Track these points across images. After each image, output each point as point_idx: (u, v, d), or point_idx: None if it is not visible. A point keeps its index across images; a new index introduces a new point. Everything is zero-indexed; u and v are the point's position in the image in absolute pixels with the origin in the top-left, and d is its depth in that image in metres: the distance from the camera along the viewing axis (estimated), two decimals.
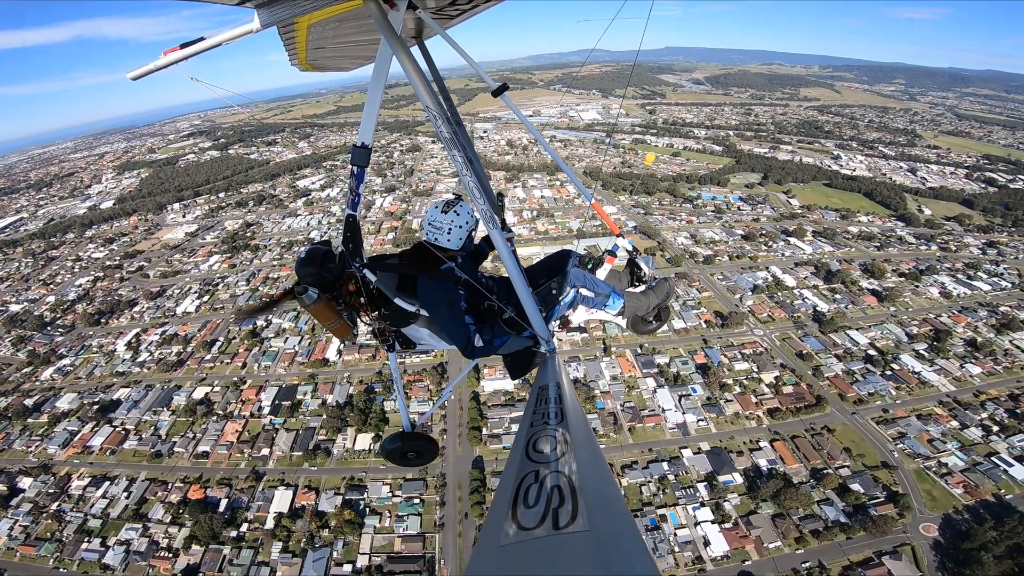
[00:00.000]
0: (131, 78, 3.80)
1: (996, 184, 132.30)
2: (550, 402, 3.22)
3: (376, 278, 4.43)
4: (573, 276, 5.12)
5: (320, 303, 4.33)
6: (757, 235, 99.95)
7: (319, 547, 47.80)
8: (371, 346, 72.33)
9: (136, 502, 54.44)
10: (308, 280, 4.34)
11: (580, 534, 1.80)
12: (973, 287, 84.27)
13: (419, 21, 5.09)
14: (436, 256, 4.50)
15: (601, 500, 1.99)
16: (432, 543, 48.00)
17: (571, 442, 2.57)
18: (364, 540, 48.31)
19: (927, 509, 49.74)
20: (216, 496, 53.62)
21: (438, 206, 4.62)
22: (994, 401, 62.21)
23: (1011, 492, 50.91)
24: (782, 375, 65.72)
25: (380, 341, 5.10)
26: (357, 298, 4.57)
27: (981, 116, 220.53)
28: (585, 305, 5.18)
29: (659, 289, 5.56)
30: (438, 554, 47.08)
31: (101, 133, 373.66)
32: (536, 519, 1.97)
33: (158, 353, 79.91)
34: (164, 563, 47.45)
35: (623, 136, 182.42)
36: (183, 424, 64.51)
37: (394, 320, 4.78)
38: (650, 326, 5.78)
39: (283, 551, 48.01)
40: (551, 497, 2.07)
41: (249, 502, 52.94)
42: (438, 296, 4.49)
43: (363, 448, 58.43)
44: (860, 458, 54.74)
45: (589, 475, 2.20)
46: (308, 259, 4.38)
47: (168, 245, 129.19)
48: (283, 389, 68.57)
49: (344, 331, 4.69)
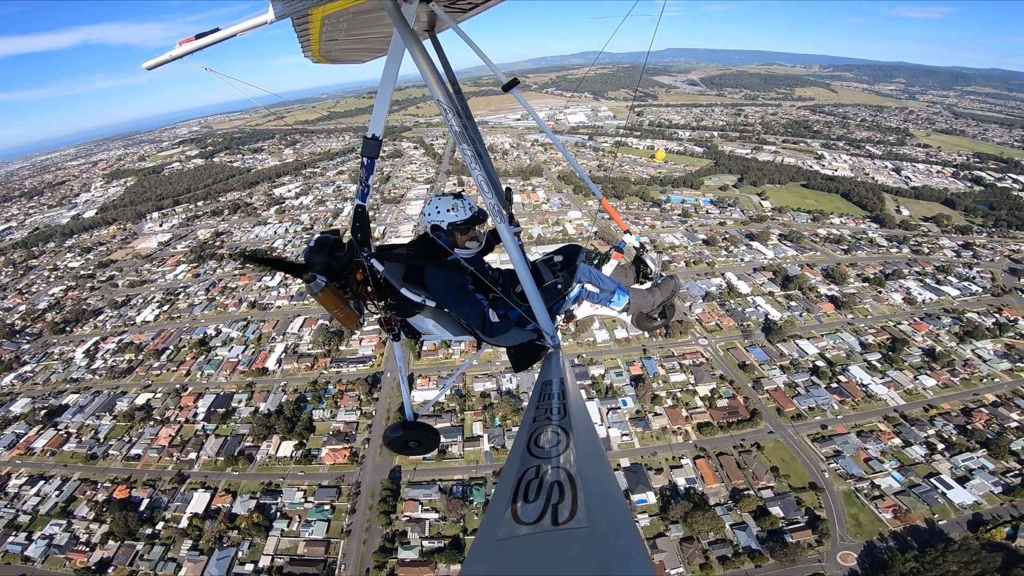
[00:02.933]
0: (146, 67, 3.81)
1: (983, 183, 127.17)
2: (553, 398, 3.18)
3: (383, 268, 4.50)
4: (579, 272, 5.14)
5: (328, 291, 4.44)
6: (719, 240, 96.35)
7: (226, 547, 49.35)
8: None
9: (65, 500, 56.37)
10: (317, 268, 4.41)
11: (578, 530, 1.79)
12: (940, 292, 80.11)
13: (432, 15, 5.14)
14: (442, 247, 4.75)
15: (601, 497, 1.96)
16: (336, 548, 48.48)
17: (573, 438, 2.53)
18: (270, 542, 49.44)
19: (850, 536, 46.43)
20: (140, 496, 55.65)
21: (432, 198, 4.88)
22: (945, 416, 58.53)
23: (945, 518, 47.39)
24: (719, 387, 62.62)
25: (386, 330, 5.14)
26: (364, 287, 4.69)
27: (979, 114, 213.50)
28: (590, 301, 5.17)
29: (665, 286, 5.58)
30: (340, 559, 47.49)
31: (103, 139, 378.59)
32: (535, 514, 1.96)
33: (112, 361, 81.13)
34: (80, 556, 49.88)
35: (605, 139, 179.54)
36: (122, 428, 65.88)
37: (400, 310, 4.89)
38: (655, 323, 5.80)
39: (192, 549, 49.66)
40: (551, 492, 2.06)
41: (168, 502, 54.74)
42: (447, 283, 4.66)
43: (285, 455, 59.39)
44: (786, 478, 51.49)
45: (589, 472, 2.17)
46: (317, 247, 4.44)
47: (140, 255, 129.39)
48: (220, 397, 69.63)
49: (351, 319, 4.76)
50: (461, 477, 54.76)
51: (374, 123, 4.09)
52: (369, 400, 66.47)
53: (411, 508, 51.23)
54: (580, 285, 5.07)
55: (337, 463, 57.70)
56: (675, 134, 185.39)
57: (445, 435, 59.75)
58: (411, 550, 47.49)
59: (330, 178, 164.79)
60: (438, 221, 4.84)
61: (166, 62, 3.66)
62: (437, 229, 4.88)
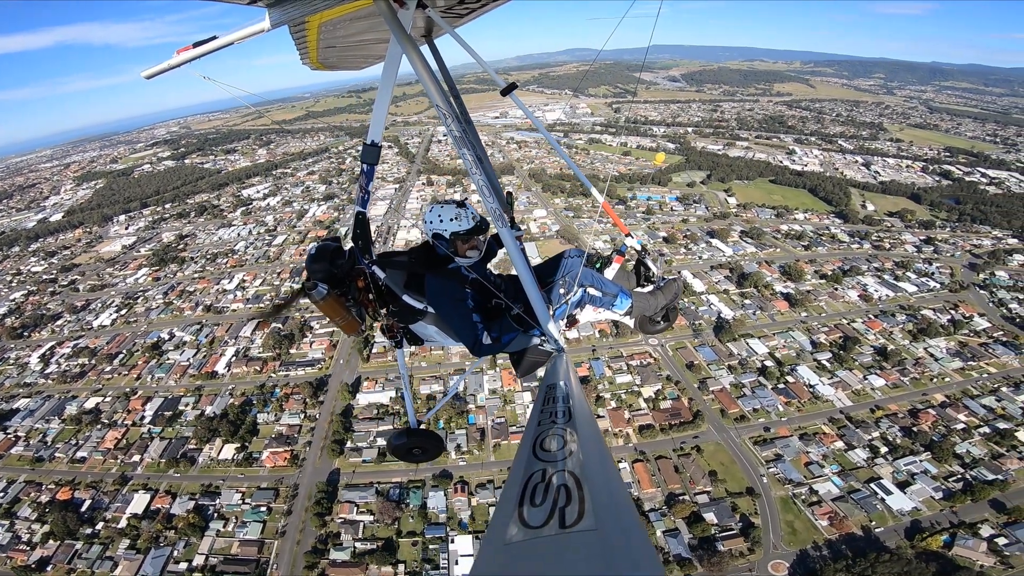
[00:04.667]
0: (145, 76, 3.79)
1: (951, 177, 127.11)
2: (558, 401, 3.15)
3: (385, 275, 4.54)
4: (581, 275, 5.05)
5: (330, 299, 4.38)
6: (679, 237, 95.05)
7: (162, 546, 50.20)
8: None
9: (9, 501, 56.44)
10: (318, 276, 4.38)
11: (586, 533, 1.78)
12: (898, 289, 79.39)
13: (429, 20, 5.10)
14: (444, 255, 4.69)
15: (608, 499, 1.96)
16: (270, 549, 48.94)
17: (579, 441, 2.52)
18: (205, 542, 50.03)
19: (784, 544, 45.27)
20: (82, 497, 56.02)
21: (432, 205, 4.73)
22: (891, 418, 57.74)
23: (883, 525, 46.41)
24: (664, 388, 61.48)
25: (388, 337, 5.06)
26: (366, 294, 4.63)
27: (954, 109, 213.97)
28: (593, 304, 5.11)
29: (667, 289, 5.49)
30: (273, 559, 47.94)
31: (80, 140, 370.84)
32: (542, 518, 1.94)
33: (65, 365, 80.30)
34: (21, 555, 50.67)
35: (579, 136, 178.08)
36: (70, 432, 65.70)
37: (402, 317, 4.89)
38: (658, 326, 5.69)
39: (129, 548, 50.27)
40: (557, 496, 2.04)
41: (110, 503, 55.19)
42: (445, 295, 4.60)
43: (226, 458, 59.50)
44: (723, 483, 50.13)
45: (596, 474, 2.16)
46: (318, 255, 4.44)
47: (103, 258, 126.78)
48: (168, 400, 69.36)
49: (353, 327, 4.73)
50: (400, 480, 54.59)
51: (373, 129, 4.04)
52: (314, 403, 66.03)
53: (346, 510, 51.37)
54: (583, 289, 5.01)
55: (277, 465, 57.80)
56: (649, 130, 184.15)
57: (385, 438, 59.45)
58: (343, 551, 47.62)
59: (300, 179, 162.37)
60: (440, 230, 4.67)
61: (165, 71, 3.67)
62: (439, 237, 4.72)
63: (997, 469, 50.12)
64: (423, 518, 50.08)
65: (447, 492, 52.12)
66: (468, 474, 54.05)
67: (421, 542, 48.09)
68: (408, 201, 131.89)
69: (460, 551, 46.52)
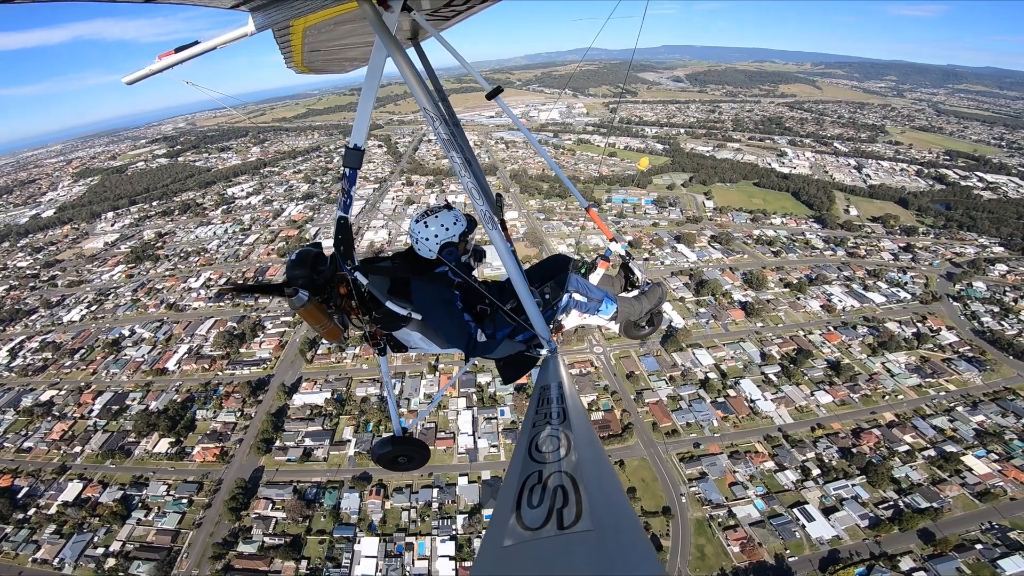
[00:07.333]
0: (126, 82, 3.78)
1: (946, 181, 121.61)
2: (552, 402, 3.11)
3: (368, 281, 4.40)
4: (568, 281, 5.00)
5: (310, 306, 4.26)
6: (644, 241, 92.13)
7: (85, 532, 52.21)
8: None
9: None
10: (299, 282, 4.26)
11: (584, 534, 1.79)
12: (864, 299, 75.73)
13: (414, 24, 4.97)
14: (429, 260, 4.58)
15: (605, 499, 1.96)
16: (184, 539, 50.65)
17: (574, 442, 2.49)
18: (125, 530, 51.86)
19: (690, 570, 42.80)
20: (21, 485, 58.09)
21: (416, 216, 4.61)
22: (831, 437, 54.83)
23: (798, 554, 43.74)
24: (599, 399, 59.21)
25: (371, 344, 5.00)
26: (348, 301, 4.52)
27: (963, 112, 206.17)
28: (579, 310, 5.01)
29: (652, 294, 5.45)
30: (185, 548, 49.69)
31: (90, 136, 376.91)
32: (540, 519, 1.96)
33: (30, 359, 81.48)
34: None
35: (569, 137, 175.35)
36: (22, 423, 67.26)
37: (386, 323, 4.75)
38: (643, 331, 5.74)
39: (54, 533, 52.34)
40: (555, 497, 2.05)
41: (44, 491, 57.12)
42: (433, 298, 4.50)
43: (160, 451, 61.01)
44: (639, 501, 47.62)
45: (592, 474, 2.15)
46: (299, 261, 4.31)
47: (86, 255, 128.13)
48: (117, 395, 70.75)
49: (334, 334, 4.62)
50: (319, 480, 55.21)
51: (356, 133, 3.92)
52: (253, 403, 66.54)
53: (261, 506, 52.34)
54: (568, 295, 4.90)
55: (206, 460, 58.86)
56: (642, 131, 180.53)
57: (313, 439, 60.44)
58: (251, 544, 49.00)
59: (286, 177, 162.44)
60: (449, 238, 4.49)
61: (146, 76, 3.62)
62: (449, 246, 4.51)
63: (934, 496, 46.97)
64: (335, 518, 50.59)
65: (363, 494, 52.32)
66: (387, 477, 53.61)
67: (328, 541, 48.67)
68: (383, 201, 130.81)
69: (364, 552, 47.18)
